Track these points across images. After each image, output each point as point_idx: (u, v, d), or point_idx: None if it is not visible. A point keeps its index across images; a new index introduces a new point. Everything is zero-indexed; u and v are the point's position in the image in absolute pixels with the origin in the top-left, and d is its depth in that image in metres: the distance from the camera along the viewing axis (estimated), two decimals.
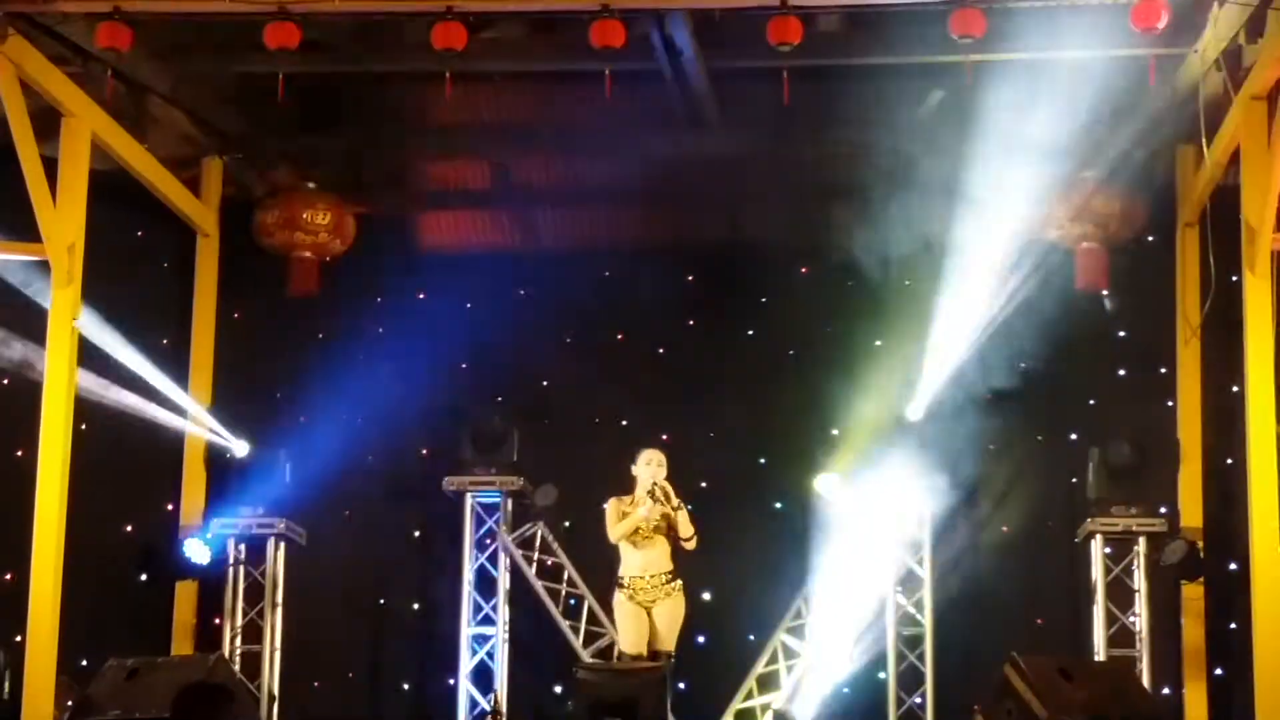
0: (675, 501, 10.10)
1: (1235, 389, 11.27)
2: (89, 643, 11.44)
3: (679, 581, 10.15)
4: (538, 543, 12.66)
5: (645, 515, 10.12)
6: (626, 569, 10.20)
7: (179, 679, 7.03)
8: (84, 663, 11.13)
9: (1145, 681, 11.51)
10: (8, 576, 11.47)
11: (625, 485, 10.62)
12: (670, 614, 10.14)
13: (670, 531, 10.15)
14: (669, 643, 10.18)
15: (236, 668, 11.73)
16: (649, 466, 10.26)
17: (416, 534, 13.20)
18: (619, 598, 10.22)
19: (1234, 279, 10.79)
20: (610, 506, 10.30)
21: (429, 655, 13.02)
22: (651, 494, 10.12)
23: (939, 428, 12.39)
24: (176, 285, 12.89)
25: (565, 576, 12.61)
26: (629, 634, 10.17)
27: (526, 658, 12.69)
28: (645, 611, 10.14)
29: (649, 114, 12.33)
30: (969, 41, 10.08)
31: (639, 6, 10.41)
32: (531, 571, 12.62)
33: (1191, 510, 12.08)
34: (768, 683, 12.42)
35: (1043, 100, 12.28)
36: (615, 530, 10.19)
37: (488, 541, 12.74)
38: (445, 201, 13.73)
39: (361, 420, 12.96)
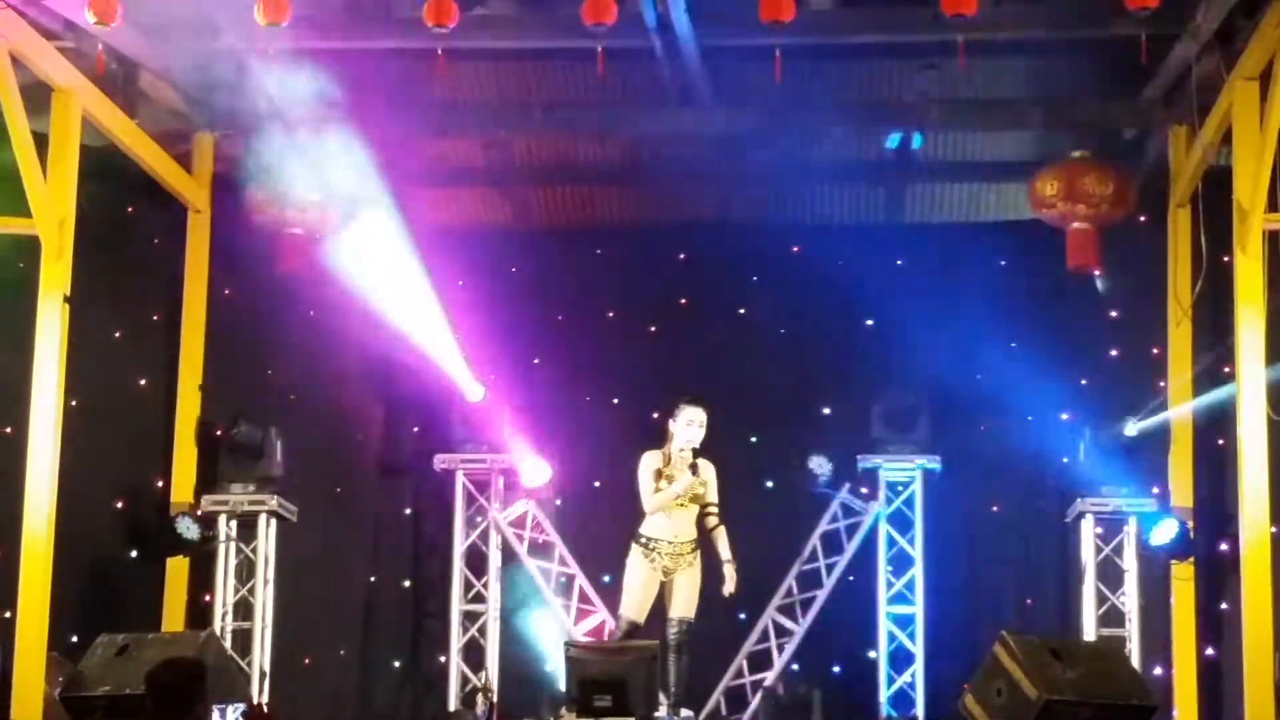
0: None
1: (1226, 369, 11.28)
2: (79, 619, 11.42)
3: (699, 551, 10.12)
4: (529, 521, 12.67)
5: (686, 488, 9.99)
6: (653, 529, 10.07)
7: (169, 655, 7.00)
8: (74, 639, 11.10)
9: (1135, 661, 11.54)
10: None
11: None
12: (692, 583, 10.08)
13: (701, 500, 10.08)
14: (689, 610, 10.10)
15: (227, 644, 11.71)
16: (690, 427, 10.10)
17: (407, 511, 13.21)
18: (637, 556, 10.09)
19: (1226, 259, 10.79)
20: (647, 464, 10.09)
21: (420, 632, 13.05)
22: (694, 468, 9.99)
23: (931, 407, 12.40)
24: (167, 261, 12.85)
25: (556, 554, 12.62)
26: (636, 598, 10.08)
27: (517, 635, 12.70)
28: (660, 580, 10.08)
29: (641, 92, 12.32)
30: (962, 20, 10.06)
31: None
32: (523, 549, 12.63)
33: (1182, 490, 12.08)
34: (759, 661, 12.44)
35: (1035, 81, 12.32)
36: (653, 500, 9.99)
37: (478, 519, 12.75)
38: (436, 179, 13.71)
39: (352, 397, 12.96)
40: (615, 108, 12.57)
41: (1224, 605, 11.85)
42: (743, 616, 12.53)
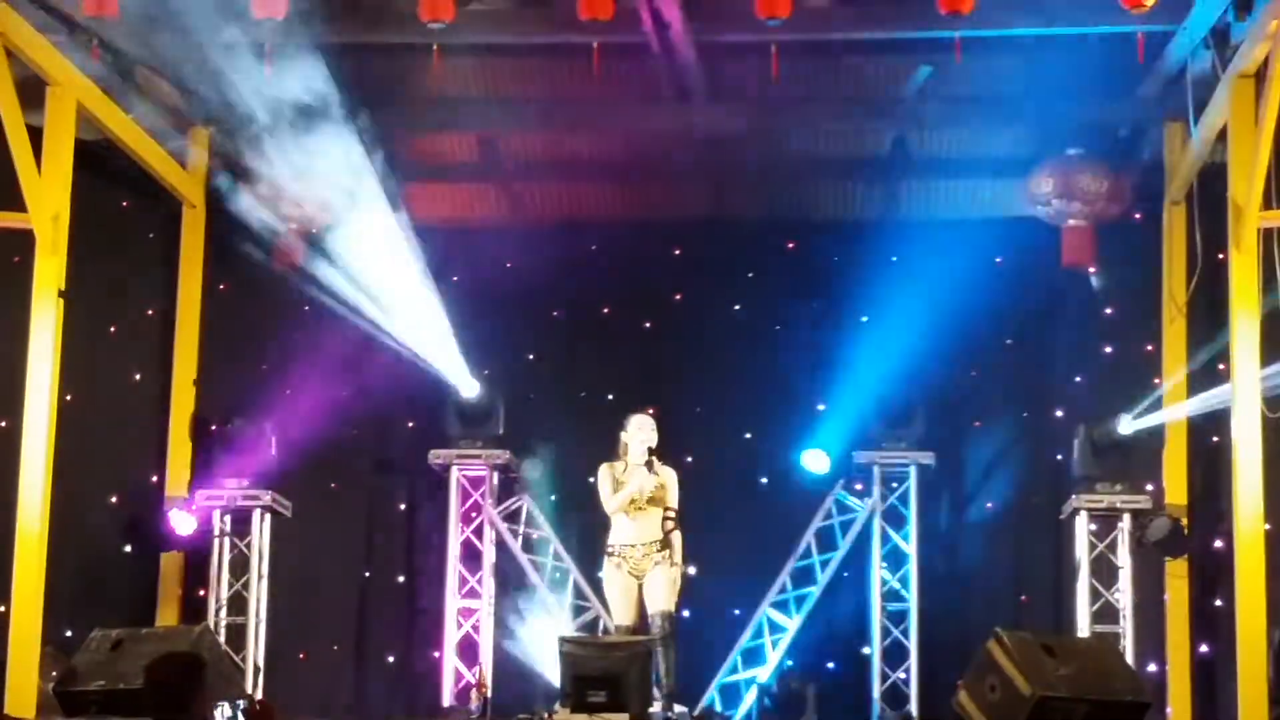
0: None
1: (1221, 366, 11.29)
2: (74, 613, 11.43)
3: (668, 551, 10.18)
4: (523, 516, 12.68)
5: (640, 486, 10.11)
6: (618, 537, 10.20)
7: (163, 650, 7.00)
8: (68, 633, 11.12)
9: (1129, 658, 11.53)
10: None
11: (611, 458, 10.62)
12: (665, 578, 10.13)
13: (662, 503, 10.19)
14: (668, 603, 10.15)
15: (221, 639, 11.71)
16: (641, 432, 10.27)
17: (402, 507, 13.20)
18: (608, 567, 10.24)
19: (1220, 257, 10.80)
20: (603, 474, 10.29)
21: (414, 628, 13.04)
22: (648, 465, 10.13)
23: (925, 403, 12.40)
24: (162, 256, 12.85)
25: (551, 550, 12.62)
26: (619, 605, 10.20)
27: (512, 631, 12.70)
28: (636, 583, 10.16)
29: (637, 88, 12.32)
30: (957, 18, 10.07)
31: None
32: (517, 545, 12.63)
33: (1176, 487, 12.10)
34: (753, 657, 12.45)
35: (1030, 77, 12.31)
36: (612, 502, 10.17)
37: (473, 515, 12.75)
38: (432, 174, 13.70)
39: (347, 393, 12.95)
40: (611, 103, 12.57)
41: (1218, 602, 11.85)
42: (737, 612, 12.55)
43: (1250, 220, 10.10)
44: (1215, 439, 11.87)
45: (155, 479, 12.63)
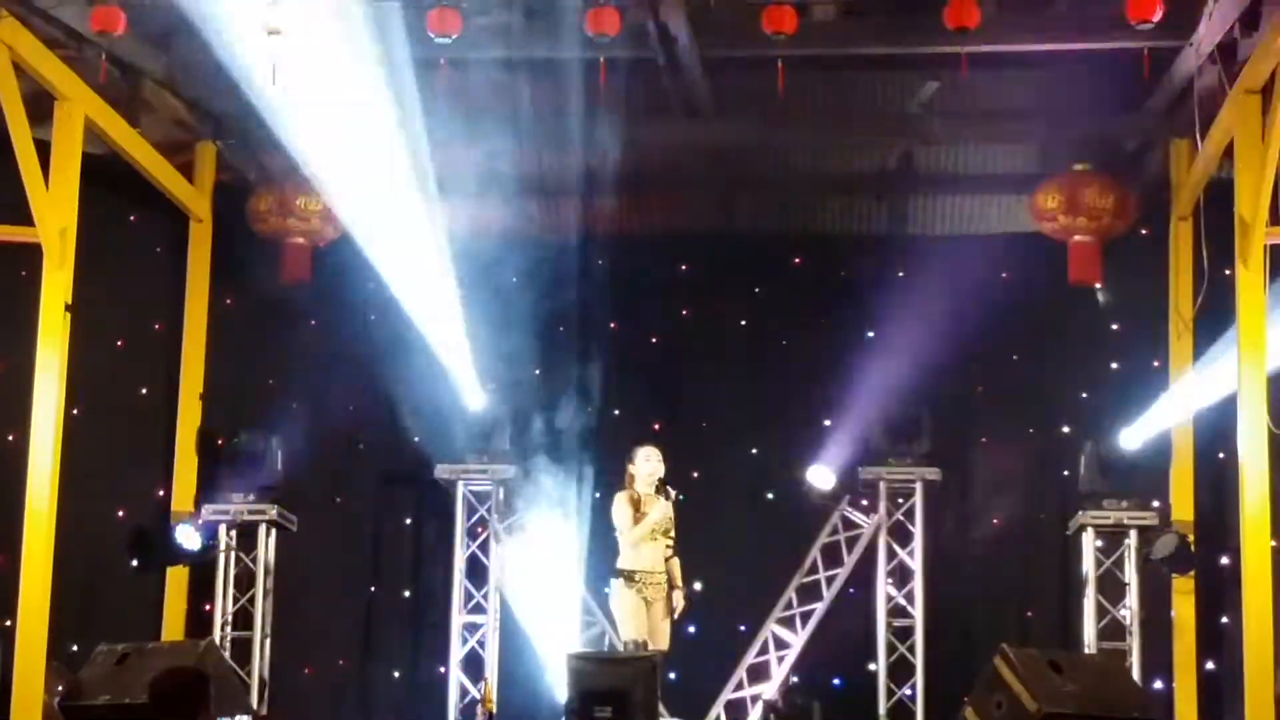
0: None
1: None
2: (79, 628, 11.43)
3: (669, 579, 10.32)
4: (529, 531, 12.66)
5: (663, 514, 10.21)
6: (637, 563, 10.31)
7: (168, 665, 7.01)
8: (74, 648, 11.11)
9: (1136, 675, 11.53)
10: None
11: (620, 478, 10.63)
12: (666, 613, 10.28)
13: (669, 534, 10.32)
14: (666, 640, 10.29)
15: (227, 654, 11.70)
16: (649, 463, 10.36)
17: (408, 521, 13.21)
18: (625, 590, 10.28)
19: (1227, 272, 10.79)
20: (620, 501, 10.34)
21: (419, 643, 13.04)
22: (663, 492, 10.21)
23: (932, 419, 12.39)
24: (169, 270, 12.87)
25: (556, 565, 12.60)
26: (634, 621, 10.27)
27: (517, 646, 12.69)
28: (646, 605, 10.26)
29: (643, 102, 12.32)
30: (964, 33, 10.08)
31: None
32: (523, 560, 12.61)
33: (1183, 503, 12.08)
34: (758, 673, 12.44)
35: (1037, 93, 12.32)
36: (634, 533, 10.26)
37: (479, 530, 12.75)
38: (439, 189, 13.68)
39: (354, 407, 12.96)
40: (617, 118, 12.57)
41: (1225, 619, 11.84)
42: (743, 628, 12.54)
43: (1257, 235, 10.10)
44: (1222, 455, 11.86)
45: (161, 493, 12.64)
